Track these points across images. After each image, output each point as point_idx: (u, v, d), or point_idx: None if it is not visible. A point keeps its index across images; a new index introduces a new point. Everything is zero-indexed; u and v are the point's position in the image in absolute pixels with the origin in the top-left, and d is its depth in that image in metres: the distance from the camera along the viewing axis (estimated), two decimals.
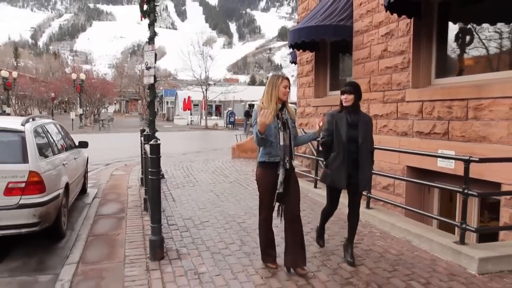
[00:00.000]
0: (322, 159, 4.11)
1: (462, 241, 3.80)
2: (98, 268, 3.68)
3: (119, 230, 4.85)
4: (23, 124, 4.34)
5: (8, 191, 3.84)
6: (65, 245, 4.52)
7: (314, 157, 6.01)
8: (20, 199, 3.89)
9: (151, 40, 8.38)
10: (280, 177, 3.36)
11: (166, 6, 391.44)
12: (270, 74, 3.65)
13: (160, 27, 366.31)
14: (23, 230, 3.95)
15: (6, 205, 3.82)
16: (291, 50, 9.81)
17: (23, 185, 3.89)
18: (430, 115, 5.95)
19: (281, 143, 3.36)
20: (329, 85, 9.66)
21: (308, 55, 9.90)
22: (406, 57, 6.42)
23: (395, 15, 6.30)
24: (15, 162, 3.95)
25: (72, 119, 30.03)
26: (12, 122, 4.54)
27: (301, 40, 8.13)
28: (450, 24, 6.14)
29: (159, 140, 8.81)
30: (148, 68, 8.29)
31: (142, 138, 6.77)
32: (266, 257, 3.66)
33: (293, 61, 11.50)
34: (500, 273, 3.47)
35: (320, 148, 5.23)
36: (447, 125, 5.62)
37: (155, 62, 8.38)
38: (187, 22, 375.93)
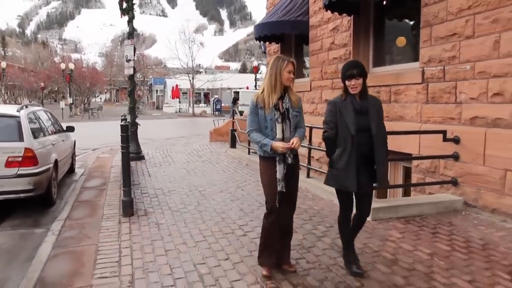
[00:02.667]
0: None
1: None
2: (81, 222, 4.72)
3: (100, 197, 5.89)
4: (18, 111, 5.35)
5: (8, 164, 4.85)
6: (55, 209, 5.56)
7: (306, 146, 5.95)
8: (18, 170, 4.91)
9: (130, 35, 9.32)
10: (279, 174, 3.00)
11: None
12: (273, 58, 3.19)
13: (150, 14, 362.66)
14: (21, 195, 4.98)
15: (7, 175, 4.83)
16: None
17: (20, 159, 4.90)
18: None
19: (278, 136, 2.99)
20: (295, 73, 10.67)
21: (275, 46, 10.88)
22: (348, 49, 7.45)
23: None
24: (13, 141, 4.96)
25: (62, 108, 30.78)
26: (9, 109, 5.55)
27: (264, 34, 9.12)
28: (384, 20, 7.17)
29: (140, 124, 9.84)
30: (128, 61, 9.24)
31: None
32: (262, 259, 3.20)
33: (264, 51, 12.47)
34: (388, 219, 4.56)
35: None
36: None
37: (134, 55, 9.33)
38: (177, 9, 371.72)
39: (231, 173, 7.59)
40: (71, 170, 7.98)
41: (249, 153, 9.15)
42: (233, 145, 10.58)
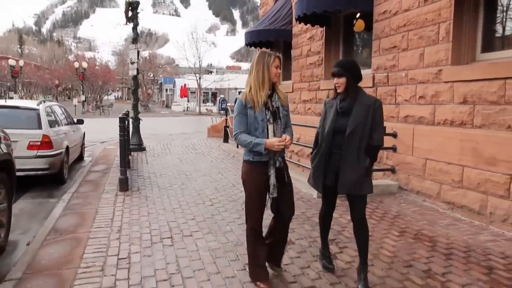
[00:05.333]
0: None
1: None
2: (86, 195, 5.90)
3: (103, 178, 7.07)
4: (38, 105, 6.59)
5: (30, 147, 6.06)
6: (66, 186, 6.76)
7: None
8: (37, 152, 6.12)
9: (134, 40, 10.52)
10: (272, 179, 2.82)
11: None
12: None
13: (164, 13, 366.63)
14: (39, 173, 6.19)
15: (29, 155, 6.04)
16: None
17: (39, 143, 6.11)
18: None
19: (270, 137, 2.80)
20: (282, 76, 11.78)
21: None
22: (321, 56, 8.54)
23: None
24: (34, 129, 6.18)
25: (75, 105, 32.29)
26: (30, 103, 6.79)
27: (252, 40, 10.25)
28: (352, 32, 8.22)
29: (142, 119, 11.06)
30: (132, 63, 10.44)
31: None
32: (255, 274, 3.02)
33: None
34: None
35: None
36: None
37: (138, 58, 10.53)
38: (190, 9, 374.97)
39: (218, 162, 8.73)
40: (80, 158, 9.20)
41: (237, 147, 10.27)
42: (225, 140, 11.72)
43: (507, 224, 4.22)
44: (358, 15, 7.24)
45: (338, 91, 2.97)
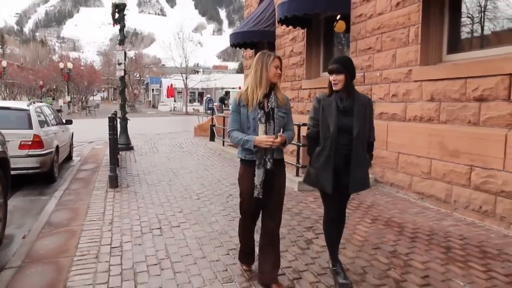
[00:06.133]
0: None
1: (296, 174, 6.34)
2: (77, 191, 6.13)
3: (93, 176, 7.30)
4: (28, 106, 6.78)
5: (21, 146, 6.26)
6: (56, 184, 6.97)
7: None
8: (28, 151, 6.32)
9: (121, 42, 10.72)
10: (257, 179, 2.80)
11: None
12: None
13: (149, 13, 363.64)
14: (30, 171, 6.39)
15: (20, 155, 6.23)
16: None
17: (30, 143, 6.31)
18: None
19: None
20: None
21: (250, 52, 12.33)
22: (302, 57, 8.89)
23: None
24: (25, 129, 6.38)
25: (61, 106, 32.08)
26: (21, 104, 6.99)
27: (237, 41, 10.55)
28: (332, 33, 8.59)
29: (129, 119, 11.28)
30: (119, 64, 10.64)
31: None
32: (240, 258, 3.30)
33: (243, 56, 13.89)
34: (311, 190, 5.95)
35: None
36: None
37: (125, 60, 10.73)
38: (176, 9, 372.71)
39: (204, 160, 9.02)
40: (69, 158, 9.39)
41: (223, 145, 10.57)
42: (212, 138, 12.01)
43: (468, 210, 4.62)
44: (338, 16, 7.60)
45: (335, 88, 2.89)
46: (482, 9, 5.06)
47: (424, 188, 5.32)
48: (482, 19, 5.11)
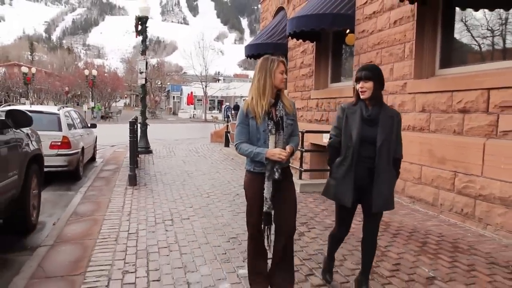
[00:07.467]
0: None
1: (299, 177, 6.84)
2: (100, 188, 6.79)
3: (114, 175, 7.97)
4: (58, 110, 7.53)
5: (51, 147, 6.99)
6: (81, 182, 7.67)
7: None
8: (58, 151, 7.04)
9: (143, 52, 11.48)
10: (267, 192, 2.63)
11: (178, 1, 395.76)
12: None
13: (172, 21, 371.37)
14: (59, 169, 7.11)
15: (50, 154, 6.95)
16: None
17: (59, 143, 7.04)
18: (321, 108, 8.96)
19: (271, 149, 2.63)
20: None
21: None
22: (312, 68, 9.42)
23: None
24: (55, 130, 7.12)
25: (85, 111, 33.43)
26: (52, 108, 7.75)
27: (251, 53, 11.16)
28: (341, 46, 9.11)
29: (149, 124, 11.98)
30: (141, 73, 11.40)
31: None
32: (251, 283, 2.91)
33: None
34: (312, 192, 6.47)
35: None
36: (328, 115, 8.63)
37: (146, 68, 11.48)
38: (198, 17, 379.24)
39: (217, 164, 9.61)
40: (93, 159, 10.13)
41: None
42: (226, 144, 12.61)
43: (452, 213, 5.03)
44: (348, 30, 8.11)
45: (362, 96, 2.75)
46: (470, 28, 5.50)
47: (415, 192, 5.74)
48: (470, 38, 5.54)
